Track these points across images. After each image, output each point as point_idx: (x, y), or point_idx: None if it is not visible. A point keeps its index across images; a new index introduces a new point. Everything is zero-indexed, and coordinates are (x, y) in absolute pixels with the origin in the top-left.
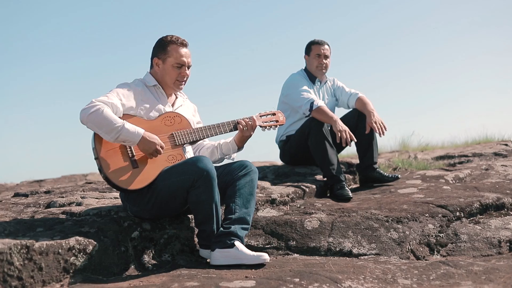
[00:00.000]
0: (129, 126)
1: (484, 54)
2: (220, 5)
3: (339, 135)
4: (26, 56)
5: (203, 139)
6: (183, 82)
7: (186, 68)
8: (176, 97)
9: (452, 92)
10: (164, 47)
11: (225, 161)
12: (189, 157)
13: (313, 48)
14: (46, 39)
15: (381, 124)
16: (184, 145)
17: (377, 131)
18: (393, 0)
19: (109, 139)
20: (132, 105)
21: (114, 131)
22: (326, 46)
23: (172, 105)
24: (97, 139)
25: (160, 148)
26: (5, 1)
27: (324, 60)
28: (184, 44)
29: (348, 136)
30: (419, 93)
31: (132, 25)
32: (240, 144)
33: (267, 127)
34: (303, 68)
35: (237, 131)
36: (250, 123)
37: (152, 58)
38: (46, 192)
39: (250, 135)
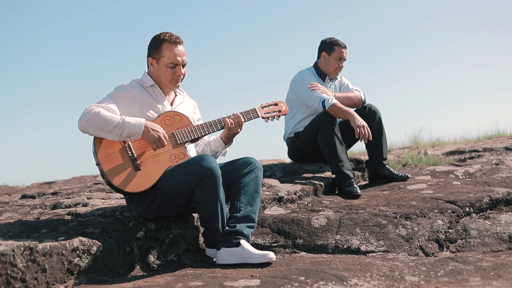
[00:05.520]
0: (129, 119)
1: (497, 50)
2: (226, 5)
3: (358, 130)
4: (37, 58)
5: (204, 135)
6: (179, 81)
7: (181, 66)
8: (176, 95)
9: (465, 88)
10: (157, 46)
11: (229, 158)
12: (191, 155)
13: (336, 50)
14: (56, 41)
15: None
16: (186, 143)
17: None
18: None
19: (113, 138)
20: (129, 108)
21: (117, 128)
22: (347, 50)
23: (171, 104)
24: (97, 145)
25: (164, 138)
26: (8, 4)
27: (342, 64)
28: (177, 42)
29: (367, 132)
30: (432, 89)
31: (137, 27)
32: (226, 140)
33: (270, 118)
34: (313, 64)
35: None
36: (236, 120)
37: (147, 58)
38: (53, 194)
39: (237, 132)
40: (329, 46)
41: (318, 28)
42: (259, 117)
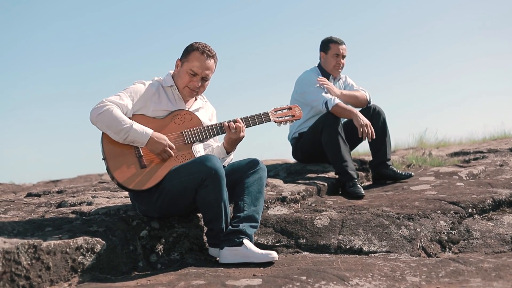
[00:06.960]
0: (137, 126)
1: (504, 52)
2: (228, 5)
3: (361, 129)
4: (39, 57)
5: (213, 136)
6: (195, 92)
7: (200, 78)
8: (196, 99)
9: (471, 89)
10: (188, 51)
11: (233, 159)
12: (198, 156)
13: (332, 47)
14: (62, 40)
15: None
16: (194, 144)
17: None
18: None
19: (118, 139)
20: (143, 106)
21: (123, 132)
22: (344, 46)
23: (189, 107)
24: (105, 140)
25: (169, 149)
26: (11, 4)
27: (341, 60)
28: (208, 55)
29: (370, 130)
30: (439, 90)
31: (140, 27)
32: (228, 147)
33: (283, 122)
34: (316, 65)
35: (250, 127)
36: (233, 125)
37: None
38: (58, 192)
39: (239, 138)
40: (325, 45)
41: (323, 28)
42: (271, 121)
